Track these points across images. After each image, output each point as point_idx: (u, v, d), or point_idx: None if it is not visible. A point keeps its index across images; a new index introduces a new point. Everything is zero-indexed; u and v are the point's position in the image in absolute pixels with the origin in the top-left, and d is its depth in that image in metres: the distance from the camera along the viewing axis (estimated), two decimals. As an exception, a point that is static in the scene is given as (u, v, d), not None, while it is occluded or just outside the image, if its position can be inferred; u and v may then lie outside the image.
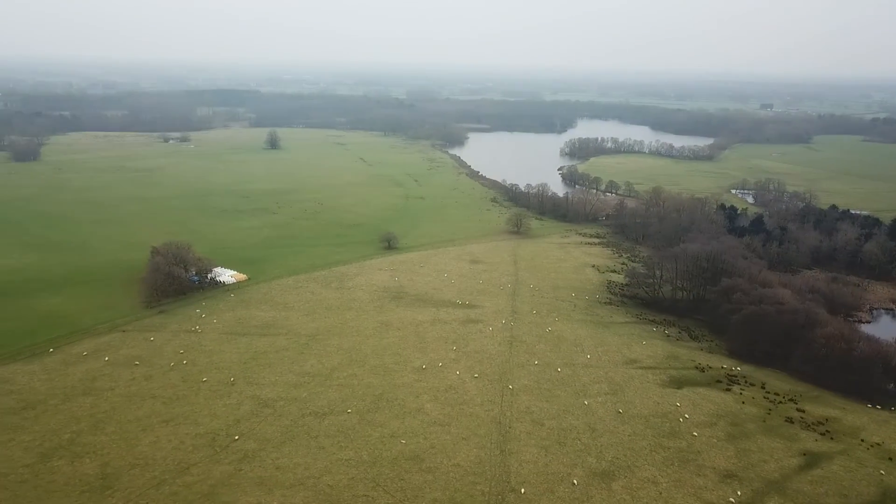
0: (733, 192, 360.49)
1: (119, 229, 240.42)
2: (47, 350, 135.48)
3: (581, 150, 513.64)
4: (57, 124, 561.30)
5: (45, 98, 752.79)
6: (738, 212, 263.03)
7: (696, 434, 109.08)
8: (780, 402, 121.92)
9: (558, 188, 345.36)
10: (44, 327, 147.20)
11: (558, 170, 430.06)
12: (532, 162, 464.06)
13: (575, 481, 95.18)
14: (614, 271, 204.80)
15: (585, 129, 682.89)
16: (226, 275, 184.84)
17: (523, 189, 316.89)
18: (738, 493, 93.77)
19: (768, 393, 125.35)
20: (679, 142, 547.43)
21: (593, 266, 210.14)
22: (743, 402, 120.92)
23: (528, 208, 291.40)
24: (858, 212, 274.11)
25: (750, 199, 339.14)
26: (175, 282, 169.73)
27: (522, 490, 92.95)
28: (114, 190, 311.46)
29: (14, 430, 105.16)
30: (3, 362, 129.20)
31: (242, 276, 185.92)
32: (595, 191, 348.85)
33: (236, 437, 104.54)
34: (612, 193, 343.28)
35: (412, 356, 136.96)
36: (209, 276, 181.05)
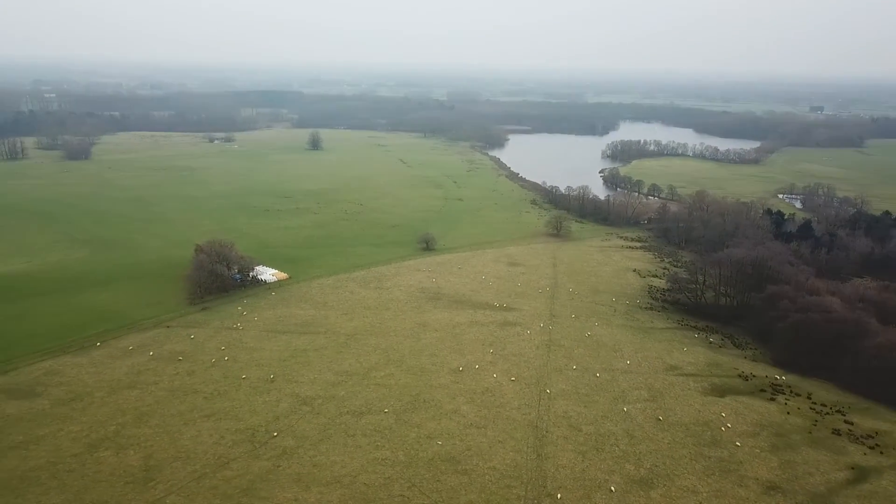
0: (780, 196, 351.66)
1: (165, 227, 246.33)
2: (95, 344, 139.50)
3: (623, 153, 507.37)
4: (107, 124, 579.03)
5: (96, 99, 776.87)
6: (785, 217, 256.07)
7: (738, 444, 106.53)
8: (827, 413, 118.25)
9: (599, 191, 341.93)
10: (92, 322, 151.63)
11: (599, 172, 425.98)
12: (573, 164, 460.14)
13: (612, 488, 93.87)
14: (656, 276, 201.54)
15: (628, 132, 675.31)
16: (267, 273, 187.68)
17: (563, 191, 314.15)
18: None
19: (815, 404, 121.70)
20: (724, 145, 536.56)
21: (634, 270, 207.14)
22: (788, 413, 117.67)
23: (568, 211, 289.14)
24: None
25: (798, 205, 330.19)
26: (218, 279, 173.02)
27: (559, 495, 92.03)
28: (160, 188, 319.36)
29: (63, 421, 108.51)
30: (53, 355, 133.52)
31: (283, 275, 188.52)
32: (637, 194, 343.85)
33: (275, 434, 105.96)
34: (654, 197, 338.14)
35: (449, 357, 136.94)
36: (251, 274, 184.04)
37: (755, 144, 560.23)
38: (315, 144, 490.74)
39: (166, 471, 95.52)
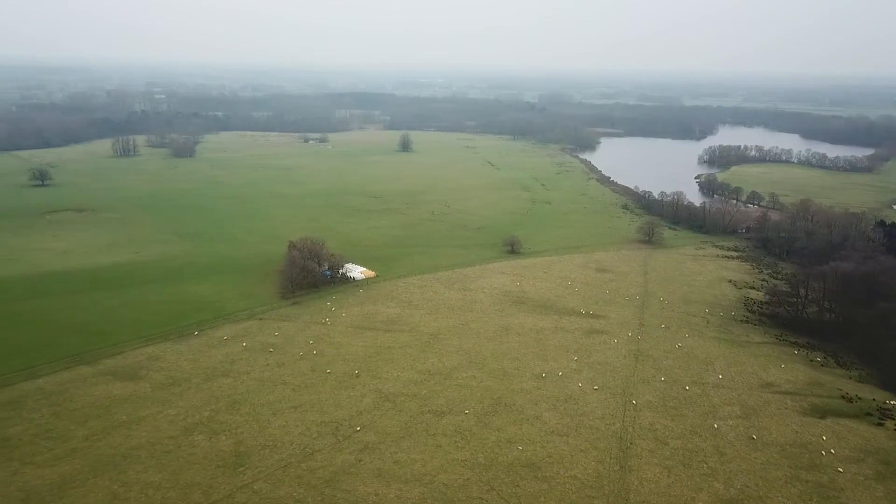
0: (895, 207, 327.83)
1: (261, 223, 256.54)
2: (193, 332, 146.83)
3: (721, 158, 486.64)
4: (211, 124, 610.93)
5: (201, 100, 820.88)
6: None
7: (840, 469, 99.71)
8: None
9: (694, 197, 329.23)
10: (191, 311, 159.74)
11: (695, 178, 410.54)
12: (667, 169, 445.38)
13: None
14: (753, 288, 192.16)
15: (727, 136, 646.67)
16: (356, 271, 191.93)
17: (657, 197, 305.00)
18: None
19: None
20: (833, 151, 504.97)
21: (730, 281, 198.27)
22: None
23: (661, 217, 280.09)
24: None
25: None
26: (309, 275, 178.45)
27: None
28: (258, 186, 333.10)
29: (162, 404, 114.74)
30: (155, 341, 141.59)
31: (371, 273, 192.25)
32: (735, 201, 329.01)
33: (358, 428, 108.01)
34: (753, 205, 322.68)
35: (532, 363, 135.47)
36: (340, 271, 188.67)
37: (868, 151, 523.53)
38: (405, 146, 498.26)
39: (255, 457, 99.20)
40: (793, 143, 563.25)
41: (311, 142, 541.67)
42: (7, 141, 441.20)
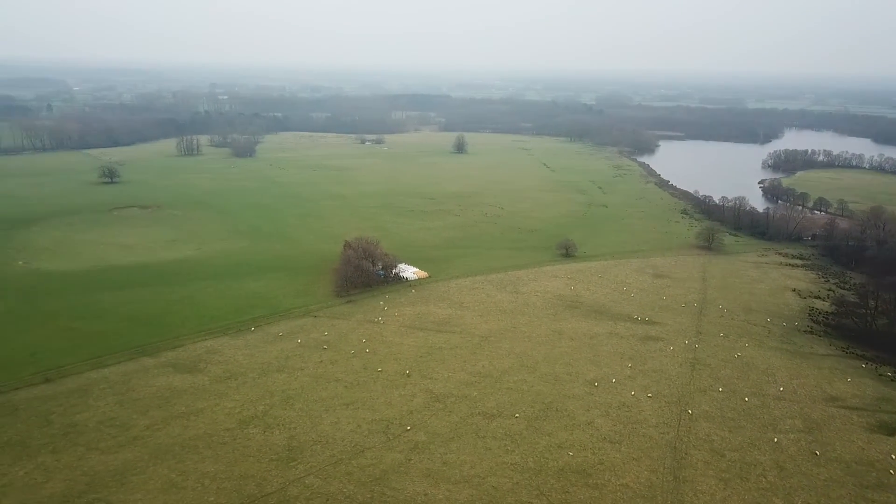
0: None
1: (317, 222, 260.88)
2: (250, 328, 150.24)
3: (787, 163, 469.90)
4: (271, 124, 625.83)
5: (262, 101, 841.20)
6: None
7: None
8: None
9: (758, 203, 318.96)
10: (248, 307, 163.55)
11: (759, 183, 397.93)
12: (729, 173, 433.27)
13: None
14: (818, 297, 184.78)
15: (793, 141, 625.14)
16: (409, 271, 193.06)
17: (717, 201, 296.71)
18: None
19: None
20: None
21: (794, 290, 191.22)
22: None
23: (721, 223, 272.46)
24: None
25: None
26: (363, 275, 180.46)
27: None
28: (314, 186, 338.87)
29: (219, 397, 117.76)
30: (214, 335, 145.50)
31: (424, 274, 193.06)
32: (801, 207, 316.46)
33: (408, 428, 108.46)
34: (820, 211, 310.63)
35: (584, 368, 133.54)
36: (394, 271, 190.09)
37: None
38: (460, 148, 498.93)
39: (307, 452, 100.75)
40: (864, 148, 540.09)
41: (367, 143, 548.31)
42: (79, 140, 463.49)
